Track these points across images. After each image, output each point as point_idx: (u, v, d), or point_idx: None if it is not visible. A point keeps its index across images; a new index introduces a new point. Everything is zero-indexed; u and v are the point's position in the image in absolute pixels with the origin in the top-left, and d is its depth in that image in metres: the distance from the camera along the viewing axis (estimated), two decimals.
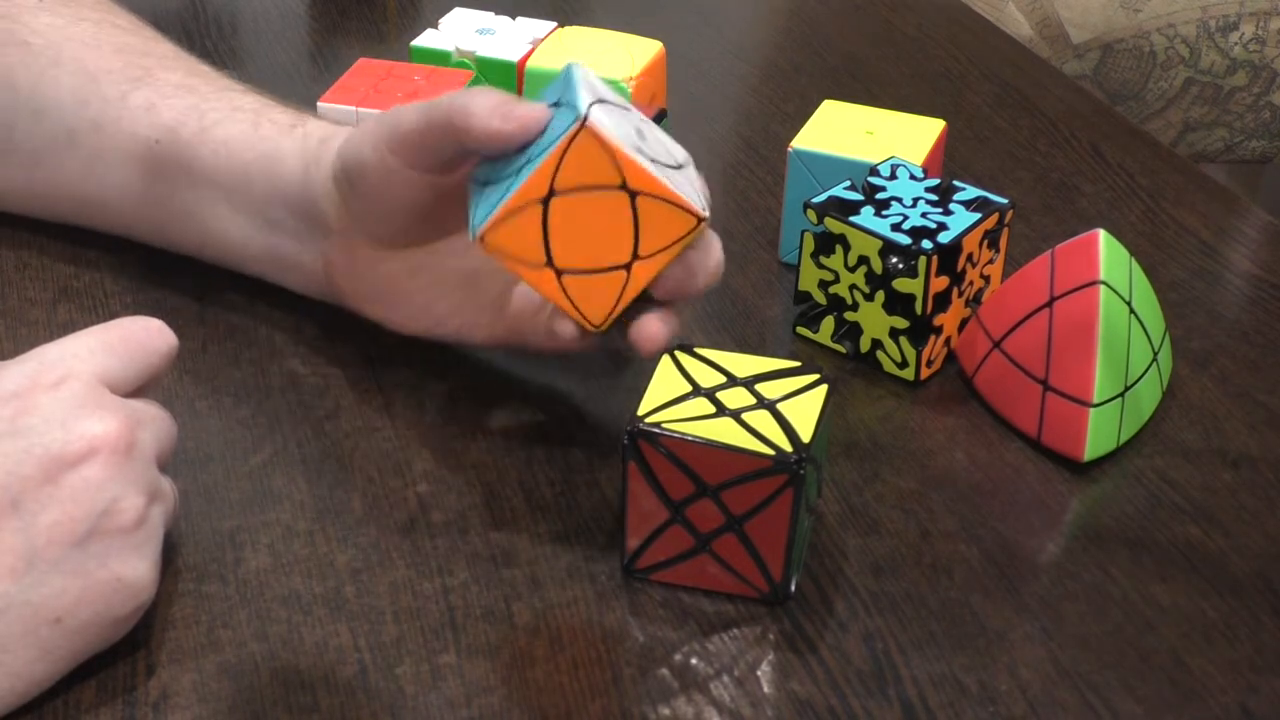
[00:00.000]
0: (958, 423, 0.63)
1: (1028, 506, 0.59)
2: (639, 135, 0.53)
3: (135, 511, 0.48)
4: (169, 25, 0.97)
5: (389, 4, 1.02)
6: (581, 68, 0.54)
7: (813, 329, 0.68)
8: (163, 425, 0.52)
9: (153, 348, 0.52)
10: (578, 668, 0.51)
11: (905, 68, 0.96)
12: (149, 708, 0.48)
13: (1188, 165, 0.85)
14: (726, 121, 0.90)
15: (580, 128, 0.50)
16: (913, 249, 0.62)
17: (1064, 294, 0.61)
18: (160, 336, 0.52)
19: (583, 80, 0.53)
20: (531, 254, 0.52)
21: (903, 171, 0.67)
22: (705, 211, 0.52)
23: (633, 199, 0.52)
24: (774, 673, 0.51)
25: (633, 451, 0.52)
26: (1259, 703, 0.50)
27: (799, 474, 0.50)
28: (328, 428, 0.61)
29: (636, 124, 0.54)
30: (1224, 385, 0.66)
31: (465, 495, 0.58)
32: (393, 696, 0.49)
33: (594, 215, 0.52)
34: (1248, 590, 0.55)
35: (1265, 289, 0.73)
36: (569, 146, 0.50)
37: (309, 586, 0.53)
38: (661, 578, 0.54)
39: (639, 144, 0.52)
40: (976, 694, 0.50)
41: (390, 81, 0.75)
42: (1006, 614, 0.54)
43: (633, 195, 0.52)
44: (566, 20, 0.84)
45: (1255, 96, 1.30)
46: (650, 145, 0.53)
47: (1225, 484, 0.60)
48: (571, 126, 0.50)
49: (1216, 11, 1.26)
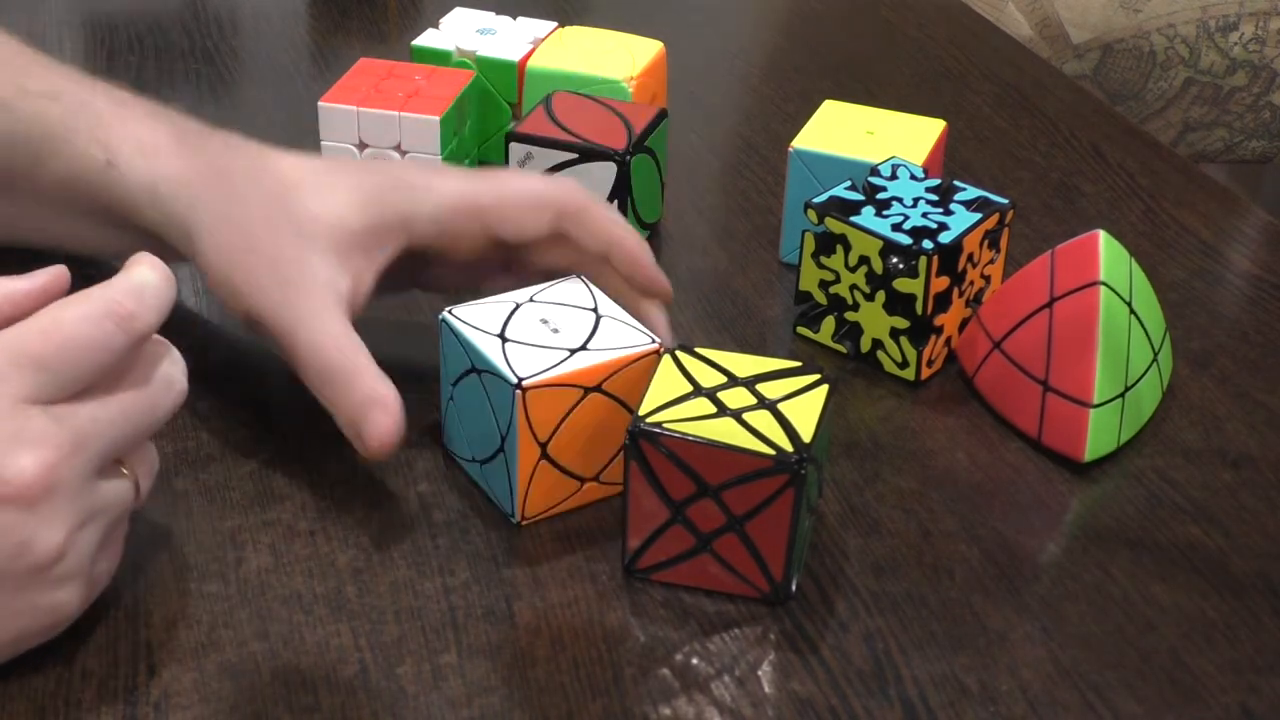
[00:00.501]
0: (958, 423, 0.63)
1: (1028, 506, 0.59)
2: (550, 328, 0.56)
3: (51, 550, 0.45)
4: (169, 25, 0.97)
5: (390, 4, 1.02)
6: (451, 317, 0.57)
7: (813, 329, 0.68)
8: (115, 431, 0.47)
9: (102, 342, 0.46)
10: (579, 667, 0.51)
11: (905, 68, 0.96)
12: (150, 707, 0.48)
13: (1188, 165, 0.86)
14: (726, 121, 0.90)
15: (523, 394, 0.53)
16: (913, 249, 0.62)
17: (1064, 294, 0.61)
18: (118, 323, 0.46)
19: (470, 332, 0.56)
20: (566, 490, 0.56)
21: (903, 171, 0.67)
22: (655, 342, 0.56)
23: (600, 389, 0.55)
24: (775, 673, 0.51)
25: (634, 451, 0.52)
26: (1259, 703, 0.50)
27: (800, 474, 0.50)
28: (328, 427, 0.61)
29: (541, 316, 0.57)
30: (1224, 385, 0.66)
31: (466, 495, 0.58)
32: (394, 696, 0.49)
33: (584, 425, 0.55)
34: (1248, 590, 0.55)
35: (1265, 289, 0.74)
36: (526, 410, 0.53)
37: (310, 586, 0.53)
38: (662, 577, 0.54)
39: (561, 340, 0.55)
40: (977, 694, 0.50)
41: (391, 81, 0.75)
42: (1007, 614, 0.54)
43: (599, 388, 0.55)
44: (566, 20, 0.85)
45: (1255, 96, 1.30)
46: (565, 326, 0.56)
47: (1225, 484, 0.60)
48: (514, 396, 0.53)
49: (1216, 11, 1.26)
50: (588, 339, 0.56)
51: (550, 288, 0.59)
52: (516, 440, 0.54)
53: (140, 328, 0.47)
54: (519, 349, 0.55)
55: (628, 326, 0.57)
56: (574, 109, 0.73)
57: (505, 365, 0.54)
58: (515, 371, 0.53)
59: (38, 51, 0.64)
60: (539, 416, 0.54)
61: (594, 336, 0.56)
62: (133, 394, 0.48)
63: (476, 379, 0.55)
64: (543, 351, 0.55)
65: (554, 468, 0.55)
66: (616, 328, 0.57)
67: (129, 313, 0.47)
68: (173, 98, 0.66)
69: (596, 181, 0.70)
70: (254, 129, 0.61)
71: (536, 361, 0.54)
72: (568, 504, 0.57)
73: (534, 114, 0.72)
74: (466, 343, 0.56)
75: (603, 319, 0.57)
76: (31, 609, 0.47)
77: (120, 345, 0.47)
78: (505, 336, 0.55)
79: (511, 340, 0.55)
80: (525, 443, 0.54)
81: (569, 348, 0.55)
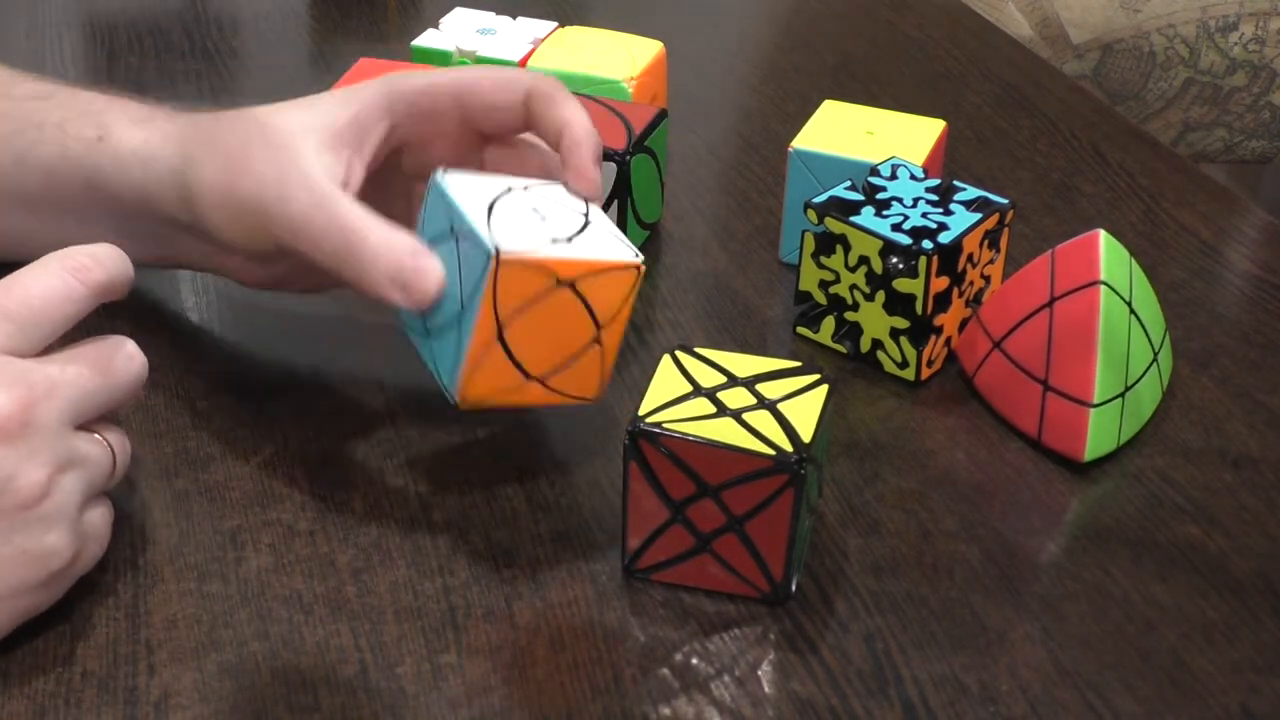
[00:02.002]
0: (958, 423, 0.63)
1: (1028, 506, 0.59)
2: (539, 216, 0.54)
3: (34, 487, 0.47)
4: (169, 25, 0.97)
5: (390, 4, 1.02)
6: (445, 177, 0.55)
7: (813, 329, 0.68)
8: (83, 383, 0.50)
9: (63, 292, 0.49)
10: (578, 667, 0.51)
11: (905, 68, 0.96)
12: (150, 707, 0.49)
13: (1188, 165, 0.86)
14: (726, 121, 0.90)
15: (497, 264, 0.51)
16: (913, 249, 0.62)
17: (1064, 294, 0.61)
18: (76, 274, 0.49)
19: (460, 195, 0.54)
20: (510, 383, 0.54)
21: (903, 171, 0.68)
22: (637, 258, 0.54)
23: (573, 287, 0.53)
24: (775, 673, 0.51)
25: (634, 451, 0.52)
26: (1259, 703, 0.50)
27: (799, 474, 0.50)
28: (328, 427, 0.61)
29: (532, 204, 0.55)
30: (1224, 385, 0.66)
31: (466, 495, 0.58)
32: (394, 696, 0.49)
33: (547, 319, 0.53)
34: (1248, 590, 0.55)
35: (1265, 289, 0.74)
36: (495, 282, 0.51)
37: (310, 586, 0.53)
38: (662, 578, 0.54)
39: (545, 229, 0.54)
40: (977, 694, 0.50)
41: None
42: (1007, 614, 0.54)
43: (571, 285, 0.53)
44: (566, 20, 0.85)
45: (1255, 97, 1.30)
46: (553, 218, 0.55)
47: (1225, 484, 0.60)
48: (487, 264, 0.51)
49: (1216, 12, 1.26)
50: (573, 235, 0.54)
51: (547, 185, 0.58)
52: (476, 313, 0.52)
53: (98, 278, 0.50)
54: (504, 222, 0.53)
55: (614, 238, 0.55)
56: None
57: (486, 231, 0.52)
58: (495, 239, 0.51)
59: (19, 71, 0.65)
60: (506, 293, 0.51)
61: (579, 236, 0.54)
62: (94, 358, 0.51)
63: (453, 244, 0.53)
64: (526, 231, 0.53)
65: (505, 355, 0.53)
66: (603, 236, 0.55)
67: (83, 265, 0.50)
68: (173, 98, 0.66)
69: None
70: None
71: (518, 238, 0.52)
72: (508, 398, 0.54)
73: None
74: (451, 203, 0.54)
75: (591, 224, 0.55)
76: (22, 554, 0.47)
77: (80, 296, 0.50)
78: (492, 209, 0.54)
79: (498, 214, 0.53)
80: (484, 317, 0.52)
81: (552, 237, 0.53)
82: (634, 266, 0.54)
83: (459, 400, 0.54)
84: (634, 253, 0.54)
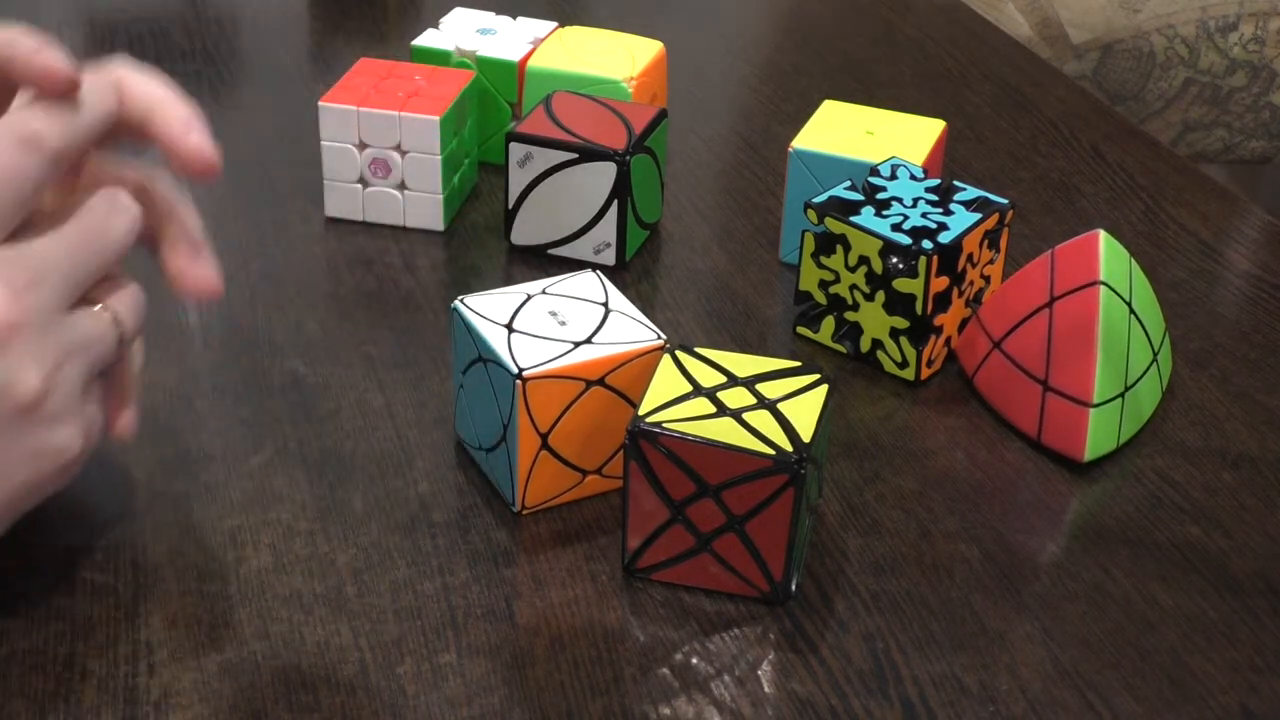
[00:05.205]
0: (958, 423, 0.63)
1: (1028, 506, 0.59)
2: (558, 320, 0.56)
3: (30, 390, 0.45)
4: (169, 25, 0.97)
5: (390, 4, 1.02)
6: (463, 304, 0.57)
7: (813, 329, 0.68)
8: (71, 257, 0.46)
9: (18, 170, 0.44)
10: (578, 667, 0.51)
11: (905, 68, 0.96)
12: (150, 707, 0.48)
13: (1188, 165, 0.86)
14: (726, 121, 0.90)
15: (524, 385, 0.53)
16: (913, 249, 0.62)
17: (1064, 294, 0.61)
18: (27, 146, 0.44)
19: (479, 321, 0.56)
20: (567, 482, 0.57)
21: (903, 172, 0.68)
22: (660, 338, 0.56)
23: (603, 383, 0.55)
24: (775, 672, 0.51)
25: (634, 451, 0.52)
26: (1259, 703, 0.50)
27: (799, 474, 0.50)
28: (328, 427, 0.61)
29: (550, 308, 0.57)
30: (1224, 385, 0.66)
31: (466, 495, 0.58)
32: (394, 696, 0.49)
33: (586, 417, 0.56)
34: (1248, 590, 0.55)
35: (1265, 289, 0.74)
36: (526, 400, 0.54)
37: (310, 586, 0.53)
38: (662, 577, 0.54)
39: (566, 332, 0.56)
40: (977, 694, 0.50)
41: (391, 81, 0.75)
42: (1006, 614, 0.54)
43: (601, 381, 0.55)
44: (566, 20, 0.85)
45: (1255, 96, 1.30)
46: (573, 318, 0.57)
47: (1225, 484, 0.60)
48: (515, 386, 0.53)
49: (1216, 12, 1.26)
50: (594, 332, 0.56)
51: (565, 280, 0.59)
52: (517, 430, 0.54)
53: (54, 144, 0.45)
54: (524, 340, 0.55)
55: (635, 322, 0.57)
56: (574, 109, 0.73)
57: (508, 355, 0.54)
58: (517, 362, 0.54)
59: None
60: (539, 407, 0.54)
61: (600, 330, 0.56)
62: (81, 222, 0.47)
63: (483, 368, 0.56)
64: (547, 343, 0.55)
65: (555, 459, 0.56)
66: (624, 322, 0.57)
67: (34, 132, 0.45)
68: None
69: (596, 182, 0.70)
70: (254, 129, 0.61)
71: (539, 353, 0.54)
72: (568, 496, 0.57)
73: (534, 114, 0.72)
74: (474, 332, 0.56)
75: (611, 313, 0.57)
76: (34, 454, 0.46)
77: (37, 169, 0.45)
78: (512, 327, 0.56)
79: (518, 331, 0.56)
80: (526, 432, 0.54)
81: (574, 340, 0.55)
82: (658, 348, 0.56)
83: (521, 509, 0.56)
84: (655, 333, 0.56)
